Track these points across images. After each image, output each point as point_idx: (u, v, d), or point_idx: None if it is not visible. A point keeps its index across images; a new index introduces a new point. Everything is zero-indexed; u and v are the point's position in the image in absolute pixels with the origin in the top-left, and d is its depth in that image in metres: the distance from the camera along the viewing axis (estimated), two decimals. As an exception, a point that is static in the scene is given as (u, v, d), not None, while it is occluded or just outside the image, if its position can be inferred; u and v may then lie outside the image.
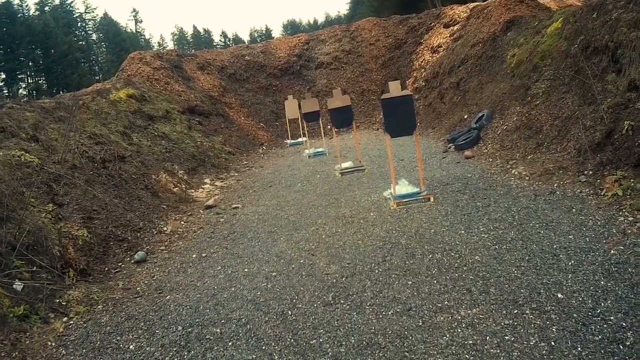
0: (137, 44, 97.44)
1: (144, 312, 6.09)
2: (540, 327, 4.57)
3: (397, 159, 13.30)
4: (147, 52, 24.64)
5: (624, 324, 4.36)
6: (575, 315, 4.63)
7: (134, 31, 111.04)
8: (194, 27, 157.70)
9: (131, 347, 5.26)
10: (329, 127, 19.18)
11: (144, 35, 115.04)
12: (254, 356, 4.70)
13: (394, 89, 9.15)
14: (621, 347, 4.09)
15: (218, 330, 5.28)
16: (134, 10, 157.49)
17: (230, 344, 4.96)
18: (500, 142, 11.88)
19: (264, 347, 4.82)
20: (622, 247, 5.75)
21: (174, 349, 5.00)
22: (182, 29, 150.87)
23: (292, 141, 20.69)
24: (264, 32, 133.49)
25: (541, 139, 10.31)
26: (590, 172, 8.06)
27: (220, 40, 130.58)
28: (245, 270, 6.88)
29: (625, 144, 7.60)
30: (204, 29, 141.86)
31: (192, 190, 12.50)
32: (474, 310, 5.00)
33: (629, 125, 7.64)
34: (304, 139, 19.35)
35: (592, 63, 9.69)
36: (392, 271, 6.14)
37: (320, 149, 16.93)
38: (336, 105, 13.36)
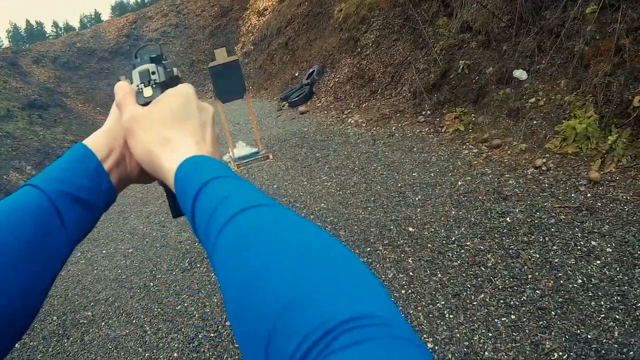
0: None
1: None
2: (395, 260, 4.62)
3: (233, 123, 13.49)
4: (-17, 52, 23.89)
5: (481, 247, 4.50)
6: (429, 245, 4.72)
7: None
8: (27, 21, 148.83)
9: (17, 345, 5.01)
10: None
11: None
12: (127, 331, 4.82)
13: (220, 56, 9.08)
14: (483, 268, 4.20)
15: (89, 313, 5.39)
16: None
17: (103, 324, 5.09)
18: (334, 95, 12.06)
19: (134, 321, 4.96)
20: (469, 178, 5.97)
21: (54, 339, 5.04)
22: (15, 24, 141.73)
23: None
24: (93, 16, 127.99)
25: (375, 87, 10.54)
26: (429, 112, 8.31)
27: (52, 30, 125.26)
28: (104, 251, 6.97)
29: (462, 82, 7.93)
30: (36, 22, 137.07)
31: (42, 184, 12.17)
32: None
33: (464, 64, 7.96)
34: None
35: (421, 10, 10.02)
36: None
37: None
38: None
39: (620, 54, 5.69)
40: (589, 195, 4.84)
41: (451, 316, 3.75)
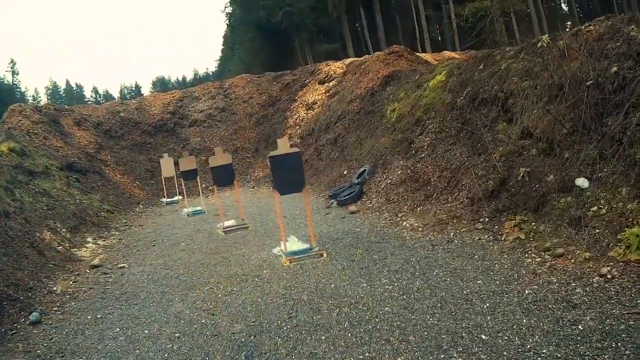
0: (14, 96, 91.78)
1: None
2: None
3: (282, 216, 13.33)
4: (27, 105, 24.42)
5: (558, 354, 4.52)
6: (505, 353, 4.73)
7: (11, 83, 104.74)
8: (67, 82, 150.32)
9: None
10: (203, 185, 19.23)
11: (19, 88, 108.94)
12: None
13: (282, 145, 9.21)
14: None
15: None
16: (12, 61, 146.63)
17: None
18: (386, 196, 12.18)
19: None
20: (535, 287, 6.04)
21: None
22: (55, 82, 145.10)
23: (168, 199, 20.83)
24: (133, 88, 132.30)
25: (430, 191, 10.69)
26: (487, 219, 8.44)
27: (91, 95, 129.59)
28: (146, 332, 6.57)
29: (522, 190, 8.08)
30: (76, 84, 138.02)
31: (76, 249, 11.91)
32: (399, 359, 4.96)
33: (524, 171, 8.15)
34: (179, 197, 19.70)
35: (480, 114, 10.32)
36: (302, 327, 5.99)
37: (198, 208, 17.04)
38: (217, 163, 13.47)
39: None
40: (657, 303, 4.92)
41: None
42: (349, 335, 5.62)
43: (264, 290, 7.50)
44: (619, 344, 4.47)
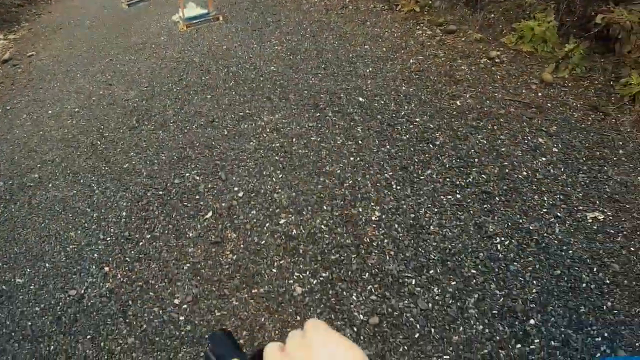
0: None
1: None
2: (345, 127, 4.66)
3: None
4: None
5: (430, 125, 4.60)
6: (379, 116, 4.77)
7: None
8: None
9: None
10: None
11: None
12: (74, 191, 4.82)
13: None
14: (431, 145, 4.31)
15: (36, 175, 5.29)
16: None
17: (50, 185, 5.03)
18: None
19: (82, 181, 4.95)
20: (421, 57, 5.96)
21: (2, 205, 4.94)
22: None
23: None
24: None
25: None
26: (386, -13, 8.10)
27: None
28: (50, 112, 6.67)
29: (425, -38, 7.70)
30: None
31: (-13, 48, 11.41)
32: (276, 115, 5.11)
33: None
34: None
35: None
36: (190, 88, 6.16)
37: None
38: None
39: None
40: (539, 94, 4.96)
41: (398, 187, 3.86)
42: (233, 93, 5.77)
43: (160, 56, 7.51)
44: (495, 126, 4.53)
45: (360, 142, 4.38)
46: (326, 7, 8.12)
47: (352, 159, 4.22)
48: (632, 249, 3.28)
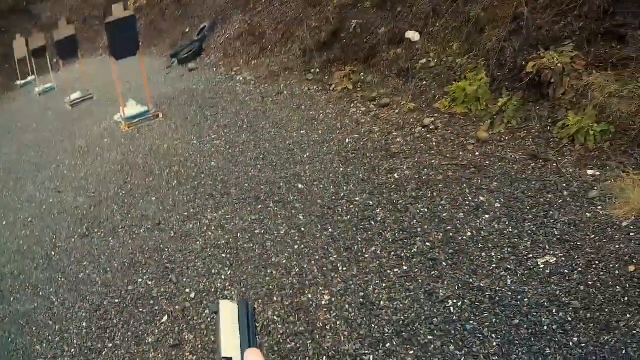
0: None
1: None
2: (287, 217, 4.66)
3: (124, 81, 12.90)
4: None
5: (370, 202, 4.58)
6: (319, 201, 4.78)
7: None
8: None
9: None
10: (54, 60, 17.71)
11: None
12: (35, 305, 4.81)
13: (117, 11, 8.73)
14: (373, 222, 4.29)
15: None
16: None
17: (12, 299, 5.05)
18: (224, 51, 11.80)
19: (41, 293, 4.95)
20: (357, 136, 6.02)
21: None
22: None
23: (22, 81, 19.11)
24: None
25: (265, 44, 10.39)
26: (318, 70, 8.30)
27: None
28: (4, 222, 6.81)
29: (353, 42, 7.94)
30: None
31: None
32: (220, 212, 5.15)
33: (357, 23, 7.98)
34: (33, 77, 17.90)
35: (313, -35, 9.89)
36: (135, 191, 6.26)
37: (48, 85, 16.11)
38: (62, 35, 12.39)
39: (517, 22, 5.87)
40: (477, 153, 5.01)
41: (345, 268, 3.81)
42: (177, 193, 5.84)
43: (104, 159, 7.62)
44: (435, 193, 4.52)
45: (302, 229, 4.36)
46: (262, 95, 8.30)
47: (296, 247, 4.18)
48: (589, 282, 3.24)
